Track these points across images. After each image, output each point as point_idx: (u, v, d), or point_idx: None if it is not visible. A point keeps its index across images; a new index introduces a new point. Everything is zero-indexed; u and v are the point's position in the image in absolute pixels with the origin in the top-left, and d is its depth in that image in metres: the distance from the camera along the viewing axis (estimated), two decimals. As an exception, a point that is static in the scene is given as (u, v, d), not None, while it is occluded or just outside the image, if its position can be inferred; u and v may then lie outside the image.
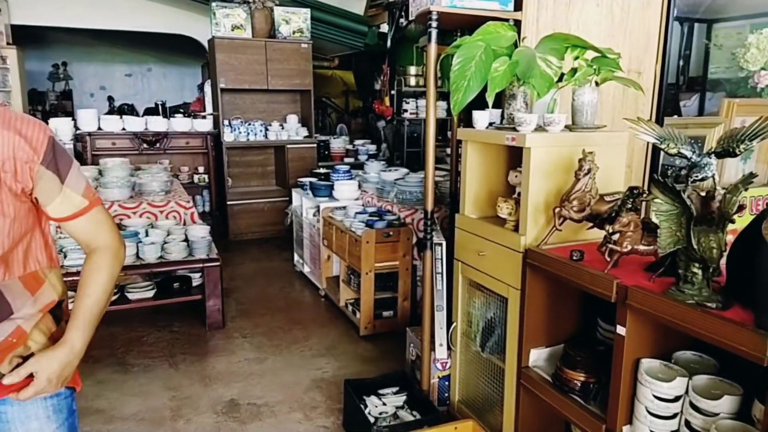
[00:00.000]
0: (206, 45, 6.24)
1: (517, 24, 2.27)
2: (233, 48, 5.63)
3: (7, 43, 6.17)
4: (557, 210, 1.80)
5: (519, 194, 1.99)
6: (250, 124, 5.87)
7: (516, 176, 2.05)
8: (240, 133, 5.80)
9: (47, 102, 9.76)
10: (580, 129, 2.03)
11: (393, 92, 6.88)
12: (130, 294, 3.50)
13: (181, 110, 6.62)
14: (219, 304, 3.61)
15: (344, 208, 3.99)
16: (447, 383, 2.45)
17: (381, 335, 3.47)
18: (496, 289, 2.04)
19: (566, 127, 2.03)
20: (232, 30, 5.63)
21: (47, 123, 5.32)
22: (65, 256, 3.28)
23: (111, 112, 9.74)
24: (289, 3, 6.02)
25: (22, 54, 6.53)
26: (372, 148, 6.88)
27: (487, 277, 2.08)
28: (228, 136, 5.74)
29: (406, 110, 6.65)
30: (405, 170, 4.33)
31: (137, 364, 3.15)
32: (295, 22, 5.85)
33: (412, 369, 2.71)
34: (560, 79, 2.02)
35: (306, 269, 4.58)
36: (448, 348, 2.32)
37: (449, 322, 2.29)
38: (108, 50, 9.96)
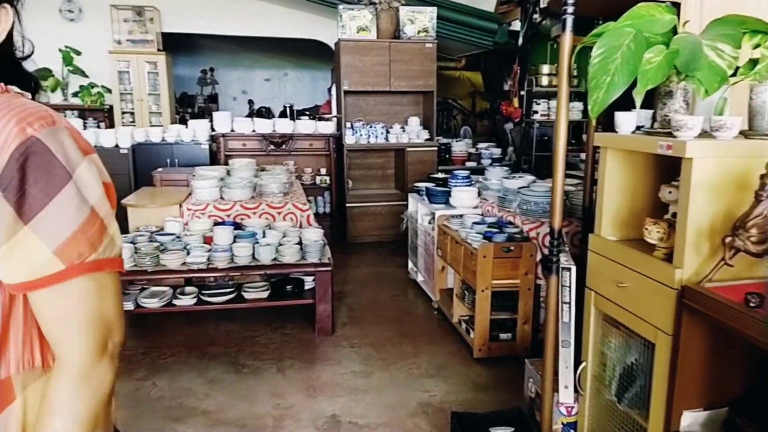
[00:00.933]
0: (334, 48, 6.31)
1: (676, 5, 1.87)
2: (357, 50, 5.60)
3: (158, 50, 6.72)
4: (728, 240, 1.41)
5: (674, 215, 1.61)
6: (371, 127, 5.81)
7: (670, 192, 1.67)
8: (361, 135, 5.76)
9: (195, 105, 10.63)
10: (759, 136, 1.59)
11: (523, 93, 6.46)
12: (246, 293, 3.54)
13: (307, 113, 6.76)
14: (329, 310, 3.54)
15: (461, 216, 3.73)
16: None
17: (496, 360, 3.16)
18: (639, 330, 1.67)
19: (741, 133, 1.61)
20: (358, 32, 5.61)
21: (185, 124, 5.68)
22: (188, 253, 3.39)
23: (250, 114, 10.38)
24: (415, 2, 5.86)
25: (171, 60, 7.09)
26: (496, 151, 6.51)
27: (627, 314, 1.72)
28: (349, 139, 5.72)
29: (536, 111, 6.20)
30: (531, 178, 3.96)
31: (248, 366, 3.16)
32: (420, 21, 5.69)
33: (530, 408, 2.39)
34: (734, 73, 1.61)
35: (419, 278, 4.38)
36: (576, 391, 1.97)
37: (577, 361, 1.95)
38: (250, 56, 10.58)
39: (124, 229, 3.85)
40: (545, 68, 6.19)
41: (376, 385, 2.95)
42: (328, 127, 5.88)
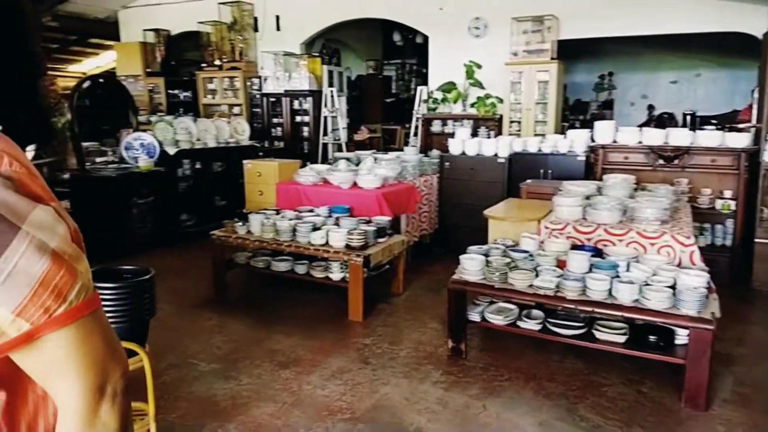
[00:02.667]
0: (762, 40, 4.96)
1: None
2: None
3: (551, 58, 6.63)
4: None
5: None
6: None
7: None
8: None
9: (588, 111, 10.25)
10: None
11: None
12: (598, 332, 3.07)
13: (713, 121, 5.55)
14: (705, 378, 2.74)
15: None
16: None
17: None
18: None
19: None
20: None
21: (570, 130, 5.39)
22: (537, 275, 3.14)
23: (648, 122, 9.38)
24: None
25: (564, 67, 6.91)
26: None
27: None
28: (772, 155, 4.41)
29: None
30: None
31: (586, 420, 2.71)
32: None
33: None
34: None
35: None
36: None
37: None
38: (655, 57, 9.55)
39: (483, 239, 3.87)
40: None
41: None
42: (739, 140, 4.67)
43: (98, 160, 5.83)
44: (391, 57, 11.93)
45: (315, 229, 4.05)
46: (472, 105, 7.23)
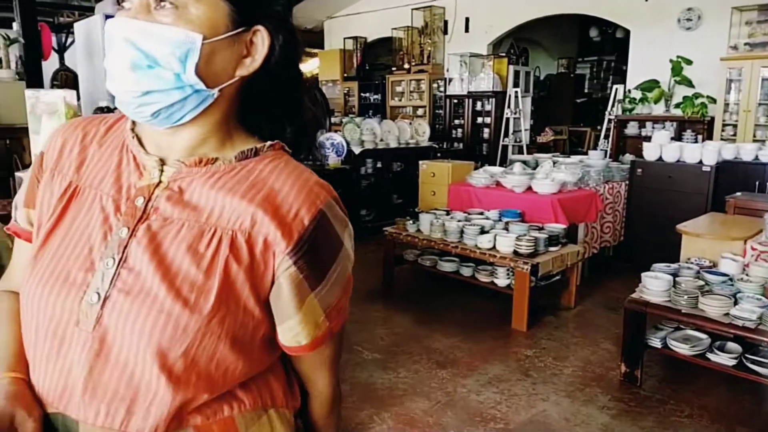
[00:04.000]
0: None
1: None
2: None
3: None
4: None
5: None
6: None
7: None
8: None
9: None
10: None
11: None
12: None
13: None
14: None
15: None
16: None
17: None
18: None
19: None
20: None
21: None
22: (736, 303, 2.69)
23: None
24: None
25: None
26: None
27: None
28: None
29: None
30: None
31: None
32: None
33: None
34: None
35: None
36: None
37: None
38: None
39: (674, 257, 3.44)
40: None
41: None
42: None
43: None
44: (585, 54, 11.23)
45: (483, 232, 3.99)
46: (677, 105, 6.48)
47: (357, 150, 6.24)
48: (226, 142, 0.75)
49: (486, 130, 7.97)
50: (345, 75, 9.74)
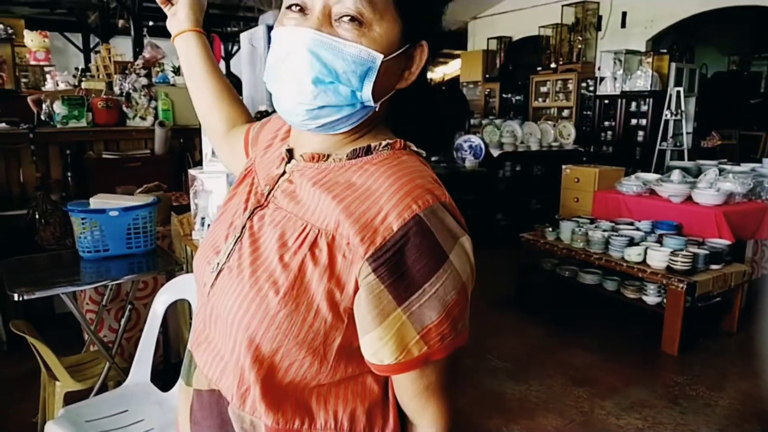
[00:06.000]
0: None
1: None
2: None
3: None
4: None
5: None
6: None
7: None
8: None
9: None
10: None
11: None
12: None
13: None
14: None
15: None
16: None
17: None
18: None
19: None
20: None
21: None
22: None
23: None
24: None
25: None
26: None
27: None
28: None
29: None
30: None
31: None
32: None
33: None
34: None
35: None
36: None
37: None
38: None
39: None
40: None
41: None
42: None
43: (432, 159, 6.55)
44: (761, 50, 9.92)
45: (632, 244, 3.70)
46: None
47: (496, 153, 6.12)
48: (359, 141, 0.74)
49: (640, 133, 7.37)
50: (487, 76, 9.59)
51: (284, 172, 0.77)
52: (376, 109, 0.70)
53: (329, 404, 0.72)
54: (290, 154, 0.78)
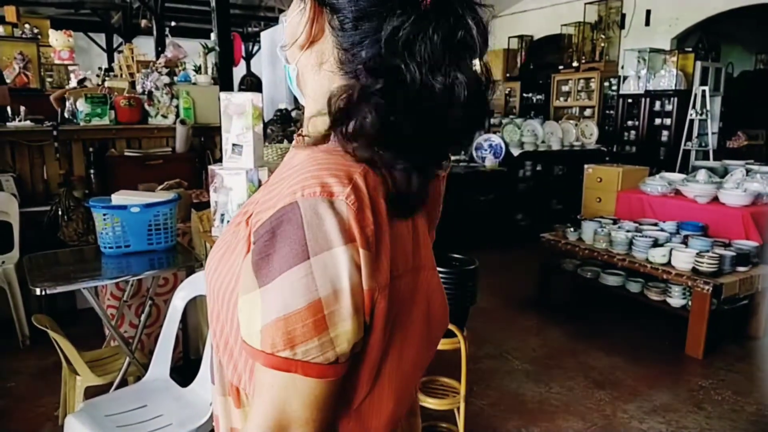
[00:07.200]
0: None
1: None
2: None
3: None
4: None
5: None
6: None
7: None
8: None
9: None
10: None
11: None
12: None
13: None
14: None
15: None
16: None
17: None
18: None
19: None
20: None
21: None
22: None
23: None
24: None
25: None
26: None
27: None
28: None
29: None
30: None
31: None
32: None
33: None
34: None
35: None
36: None
37: None
38: None
39: None
40: None
41: None
42: None
43: (452, 158, 6.50)
44: (792, 47, 9.67)
45: (656, 245, 3.62)
46: None
47: (516, 152, 6.05)
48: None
49: (665, 132, 7.24)
50: (507, 75, 9.51)
51: None
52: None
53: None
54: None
